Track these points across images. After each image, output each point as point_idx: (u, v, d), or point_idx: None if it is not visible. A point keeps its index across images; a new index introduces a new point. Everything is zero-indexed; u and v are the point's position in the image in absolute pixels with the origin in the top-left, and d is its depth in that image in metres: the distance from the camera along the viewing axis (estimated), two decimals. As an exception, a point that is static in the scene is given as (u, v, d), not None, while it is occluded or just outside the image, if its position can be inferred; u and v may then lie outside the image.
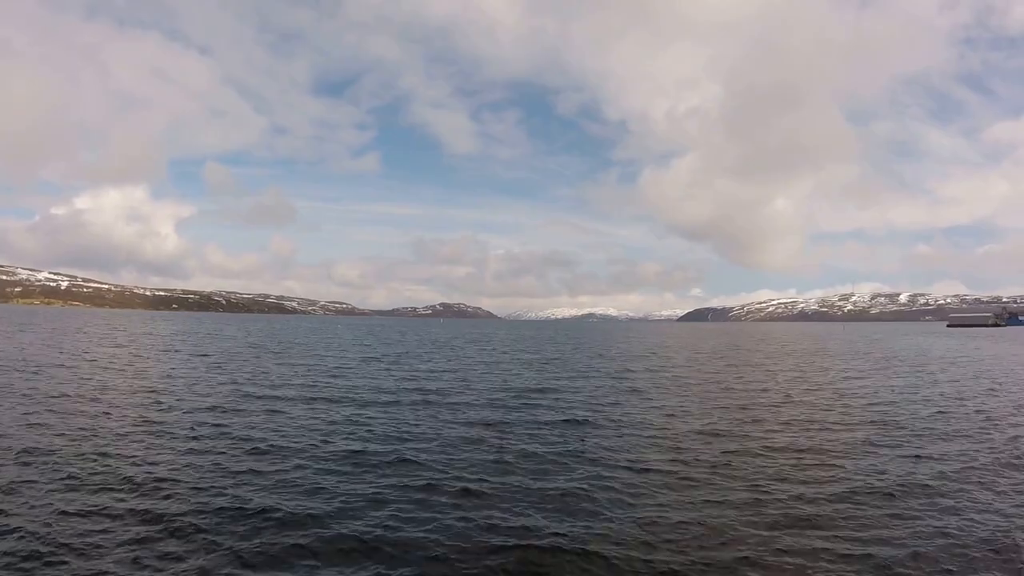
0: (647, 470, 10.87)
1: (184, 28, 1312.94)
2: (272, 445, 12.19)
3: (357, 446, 12.28)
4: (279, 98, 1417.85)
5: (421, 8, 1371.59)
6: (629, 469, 10.92)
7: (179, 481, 9.64)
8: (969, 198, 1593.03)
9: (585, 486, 9.81)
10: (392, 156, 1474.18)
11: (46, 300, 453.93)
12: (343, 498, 9.06)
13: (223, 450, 11.73)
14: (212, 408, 16.39)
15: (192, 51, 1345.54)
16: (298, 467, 10.65)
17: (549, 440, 13.28)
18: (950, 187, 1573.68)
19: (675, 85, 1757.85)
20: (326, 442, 12.55)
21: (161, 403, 17.01)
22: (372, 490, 9.48)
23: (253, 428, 13.91)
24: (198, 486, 9.41)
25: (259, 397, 18.57)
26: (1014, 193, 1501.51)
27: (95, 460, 10.74)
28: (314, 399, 18.35)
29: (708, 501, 9.20)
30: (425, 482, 9.94)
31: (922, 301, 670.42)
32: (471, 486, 9.72)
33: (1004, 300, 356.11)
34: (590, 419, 15.83)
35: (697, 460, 11.61)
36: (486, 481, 10.03)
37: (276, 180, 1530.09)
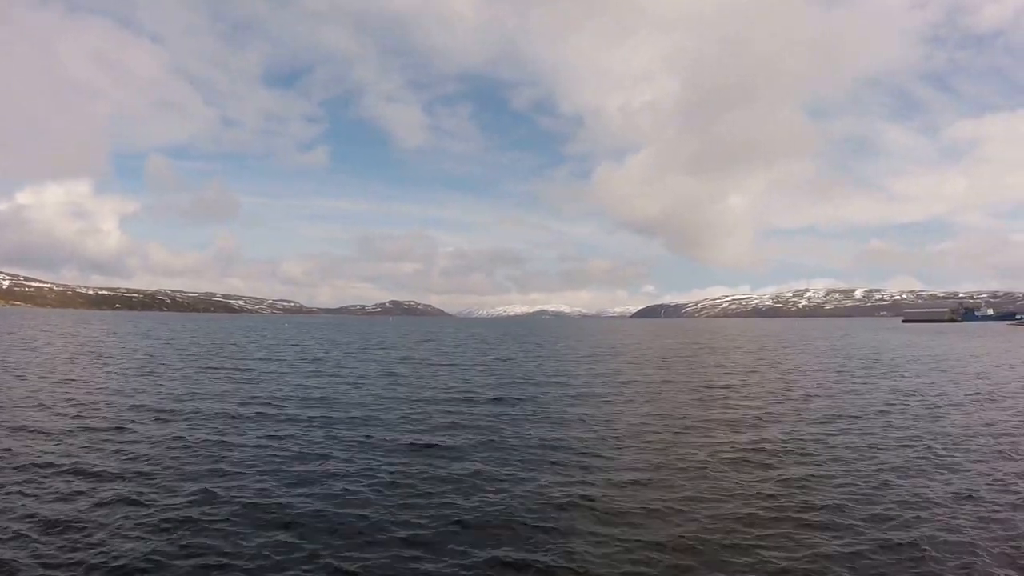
0: None
1: (137, 15, 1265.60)
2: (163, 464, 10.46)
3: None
4: (229, 89, 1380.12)
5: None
6: None
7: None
8: (926, 195, 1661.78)
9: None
10: (341, 150, 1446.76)
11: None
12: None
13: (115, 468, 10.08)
14: (114, 425, 13.64)
15: (143, 39, 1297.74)
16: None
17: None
18: (907, 184, 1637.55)
19: (631, 79, 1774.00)
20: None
21: (54, 411, 15.17)
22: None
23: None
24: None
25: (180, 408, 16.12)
26: (971, 190, 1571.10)
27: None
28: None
29: None
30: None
31: (877, 297, 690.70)
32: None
33: (960, 295, 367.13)
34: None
35: None
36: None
37: (223, 174, 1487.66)
